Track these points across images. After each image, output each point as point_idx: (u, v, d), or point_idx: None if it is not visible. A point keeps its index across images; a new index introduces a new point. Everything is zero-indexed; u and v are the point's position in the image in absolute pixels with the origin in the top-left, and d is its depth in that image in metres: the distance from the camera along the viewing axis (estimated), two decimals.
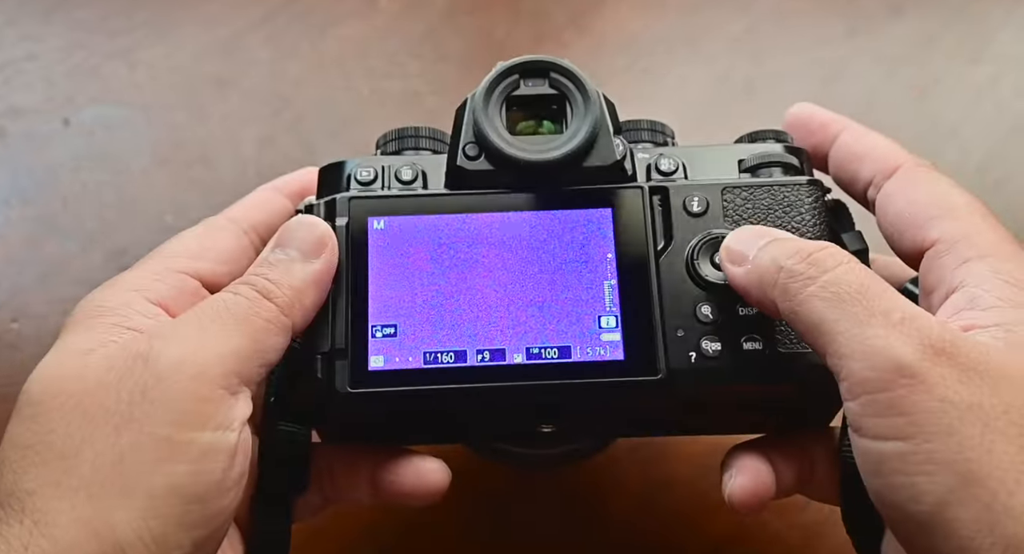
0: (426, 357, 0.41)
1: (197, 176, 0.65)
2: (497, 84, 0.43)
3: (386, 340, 0.41)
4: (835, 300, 0.35)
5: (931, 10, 0.75)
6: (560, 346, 0.41)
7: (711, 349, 0.41)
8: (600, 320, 0.41)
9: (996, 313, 0.36)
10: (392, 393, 0.40)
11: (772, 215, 0.43)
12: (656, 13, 0.75)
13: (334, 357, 0.41)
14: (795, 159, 0.45)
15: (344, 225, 0.42)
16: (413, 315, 0.41)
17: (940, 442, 0.33)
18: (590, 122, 0.42)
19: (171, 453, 0.35)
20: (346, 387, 0.40)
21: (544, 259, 0.42)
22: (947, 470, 0.32)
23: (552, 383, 0.41)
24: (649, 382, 0.40)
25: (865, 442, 0.34)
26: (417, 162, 0.45)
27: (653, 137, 0.47)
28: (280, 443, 0.44)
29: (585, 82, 0.43)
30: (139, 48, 0.71)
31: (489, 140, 0.42)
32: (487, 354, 0.41)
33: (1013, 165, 0.68)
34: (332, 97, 0.70)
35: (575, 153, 0.42)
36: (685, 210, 0.43)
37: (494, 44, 0.73)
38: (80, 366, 0.37)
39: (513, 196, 0.43)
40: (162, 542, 0.34)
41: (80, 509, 0.34)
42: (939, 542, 0.33)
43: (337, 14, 0.73)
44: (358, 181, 0.44)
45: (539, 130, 0.44)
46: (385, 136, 0.47)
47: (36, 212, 0.64)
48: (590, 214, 0.43)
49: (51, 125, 0.67)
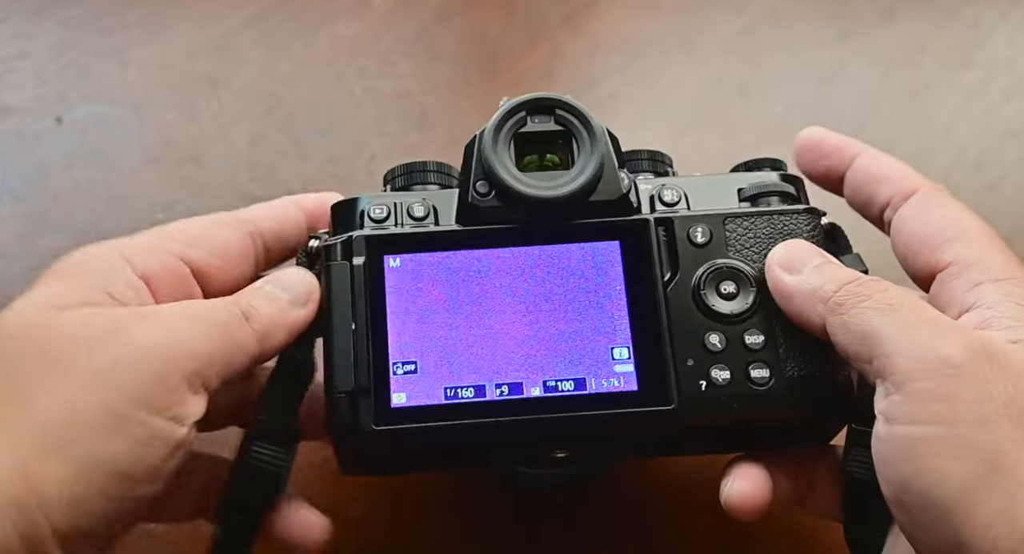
0: (447, 393, 0.42)
1: (188, 174, 0.65)
2: (505, 122, 0.44)
3: (407, 377, 0.42)
4: (888, 310, 0.38)
5: (922, 14, 0.75)
6: (575, 378, 0.42)
7: (720, 377, 0.42)
8: (613, 352, 0.42)
9: (1011, 332, 0.38)
10: (415, 430, 0.41)
11: (773, 243, 0.44)
12: (650, 14, 0.75)
13: (358, 396, 0.41)
14: (791, 187, 0.47)
15: (361, 264, 0.43)
16: (432, 351, 0.42)
17: (974, 430, 0.34)
18: (596, 158, 0.44)
19: (120, 429, 0.37)
20: (371, 425, 0.41)
21: (556, 292, 0.43)
22: (977, 457, 0.34)
23: (569, 415, 0.42)
24: (662, 412, 0.42)
25: (899, 428, 0.36)
26: (427, 198, 0.45)
27: (654, 166, 0.48)
28: (257, 462, 0.43)
29: (590, 118, 0.44)
30: (131, 47, 0.71)
31: (499, 177, 0.43)
32: (505, 388, 0.42)
33: (1005, 167, 0.68)
34: (324, 96, 0.70)
35: (583, 189, 0.43)
36: (689, 241, 0.44)
37: (487, 44, 0.73)
38: (50, 317, 0.38)
39: (524, 231, 0.44)
40: (78, 506, 0.36)
41: (19, 449, 0.35)
42: (956, 528, 0.34)
43: (329, 13, 0.73)
44: (372, 219, 0.45)
45: (544, 163, 0.45)
46: (393, 171, 0.48)
47: (28, 209, 0.63)
48: (599, 247, 0.44)
49: (43, 123, 0.67)
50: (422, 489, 0.55)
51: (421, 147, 0.67)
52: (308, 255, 0.46)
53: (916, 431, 0.35)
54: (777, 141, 0.68)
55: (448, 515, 0.55)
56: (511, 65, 0.72)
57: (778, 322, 0.43)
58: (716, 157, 0.67)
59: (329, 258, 0.44)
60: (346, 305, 0.43)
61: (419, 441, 0.42)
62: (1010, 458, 0.34)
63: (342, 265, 0.43)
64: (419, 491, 0.55)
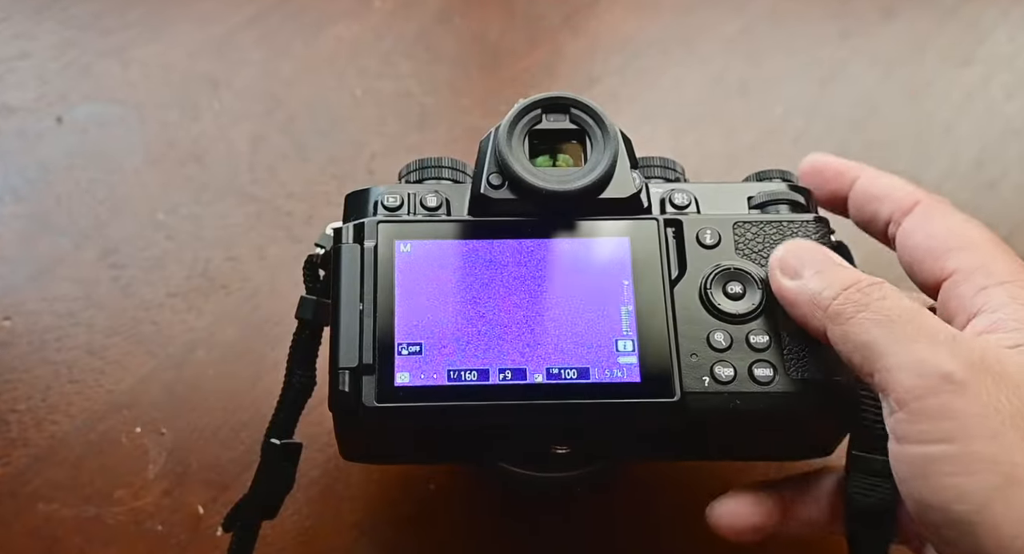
0: (450, 375, 0.42)
1: (190, 174, 0.65)
2: (520, 118, 0.45)
3: (412, 357, 0.42)
4: (886, 322, 0.38)
5: (923, 12, 0.75)
6: (579, 367, 0.42)
7: (724, 374, 0.42)
8: (617, 343, 0.43)
9: (1019, 335, 0.38)
10: (416, 408, 0.41)
11: None
12: (650, 14, 0.75)
13: (361, 372, 0.42)
14: (801, 197, 0.47)
15: (372, 247, 0.43)
16: (438, 334, 0.42)
17: (985, 444, 0.34)
18: (609, 156, 0.44)
19: None
20: (373, 401, 0.41)
21: (564, 284, 0.44)
22: (992, 470, 0.34)
23: (571, 402, 0.42)
24: (664, 404, 0.42)
25: (910, 449, 0.36)
26: (440, 190, 0.46)
27: (665, 173, 0.49)
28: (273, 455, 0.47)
29: (604, 118, 0.45)
30: (132, 46, 0.71)
31: (512, 170, 0.44)
32: (509, 373, 0.42)
33: (1006, 165, 0.68)
34: (325, 97, 0.70)
35: (594, 185, 0.44)
36: (698, 242, 0.45)
37: (488, 45, 0.73)
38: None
39: (535, 224, 0.45)
40: None
41: None
42: (981, 542, 0.34)
43: (330, 14, 0.73)
44: (385, 207, 0.45)
45: (557, 161, 0.45)
46: (408, 166, 0.49)
47: (29, 209, 0.63)
48: (608, 243, 0.44)
49: (44, 123, 0.67)
50: (423, 486, 0.55)
51: (422, 147, 0.67)
52: (311, 265, 0.47)
53: (928, 450, 0.36)
54: (777, 141, 0.69)
55: (449, 520, 0.55)
56: (511, 65, 0.72)
57: (784, 324, 0.43)
58: (716, 157, 0.67)
59: (340, 241, 0.44)
60: (355, 286, 0.43)
61: (420, 420, 0.42)
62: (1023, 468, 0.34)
63: (353, 247, 0.44)
64: (419, 487, 0.55)
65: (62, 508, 0.54)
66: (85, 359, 0.58)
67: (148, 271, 0.61)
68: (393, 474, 0.56)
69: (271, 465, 0.48)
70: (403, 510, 0.55)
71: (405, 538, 0.54)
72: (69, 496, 0.54)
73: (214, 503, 0.54)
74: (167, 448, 0.56)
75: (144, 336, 0.59)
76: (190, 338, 0.59)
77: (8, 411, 0.56)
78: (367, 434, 0.44)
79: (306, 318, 0.48)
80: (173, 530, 0.53)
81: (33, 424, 0.56)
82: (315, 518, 0.54)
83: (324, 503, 0.55)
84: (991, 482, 0.34)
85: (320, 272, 0.48)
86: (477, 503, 0.55)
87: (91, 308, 0.60)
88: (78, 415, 0.56)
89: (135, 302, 0.60)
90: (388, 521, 0.55)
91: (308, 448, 0.50)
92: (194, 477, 0.55)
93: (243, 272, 0.62)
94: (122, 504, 0.54)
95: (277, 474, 0.48)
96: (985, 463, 0.34)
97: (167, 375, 0.58)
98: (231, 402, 0.57)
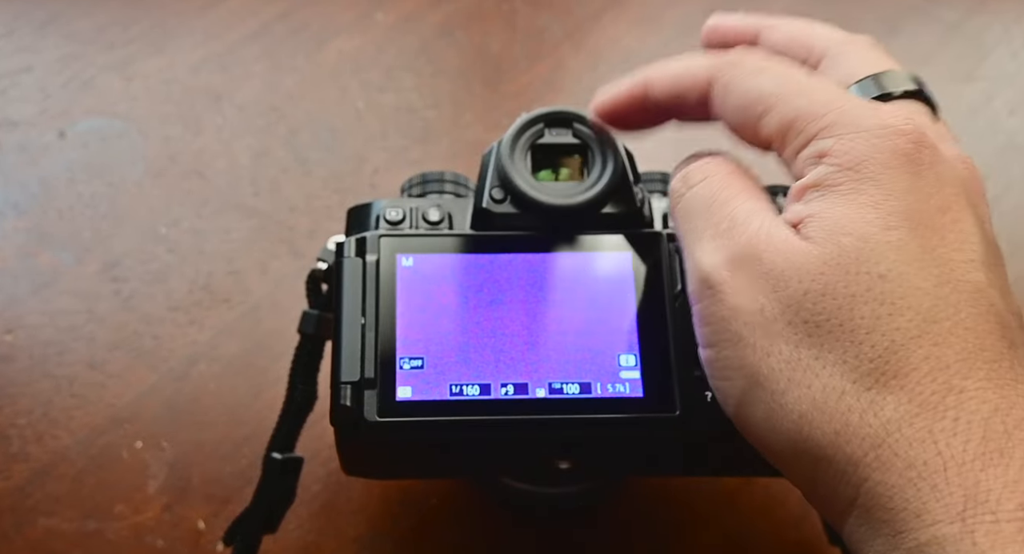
0: (451, 389, 0.42)
1: (191, 188, 0.65)
2: (523, 132, 0.45)
3: (413, 372, 0.42)
4: (685, 216, 0.37)
5: (926, 28, 0.75)
6: (581, 382, 0.42)
7: None
8: (620, 358, 0.43)
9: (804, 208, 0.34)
10: (418, 423, 0.41)
11: None
12: (652, 29, 0.75)
13: (363, 387, 0.42)
14: None
15: (374, 261, 0.43)
16: (440, 349, 0.42)
17: (732, 349, 0.35)
18: (611, 171, 0.44)
19: None
20: (374, 415, 0.41)
21: (566, 299, 0.43)
22: (738, 374, 0.34)
23: (573, 417, 0.42)
24: (666, 419, 0.42)
25: (700, 352, 0.37)
26: (442, 204, 0.46)
27: (665, 188, 0.49)
28: (274, 469, 0.47)
29: (607, 132, 0.44)
30: (134, 60, 0.71)
31: (515, 184, 0.44)
32: (511, 388, 0.42)
33: (1009, 182, 0.68)
34: (327, 111, 0.70)
35: (597, 199, 0.44)
36: None
37: (490, 59, 0.73)
38: None
39: (537, 238, 0.44)
40: None
41: None
42: (750, 439, 0.36)
43: (332, 27, 0.74)
44: (387, 221, 0.45)
45: (559, 175, 0.45)
46: (410, 180, 0.49)
47: (30, 223, 0.63)
48: (611, 257, 0.44)
49: (46, 137, 0.67)
50: (424, 500, 0.55)
51: (424, 161, 0.67)
52: (314, 279, 0.47)
53: (704, 354, 0.36)
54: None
55: (451, 535, 0.55)
56: (514, 79, 0.72)
57: None
58: None
59: (342, 255, 0.44)
60: (357, 300, 0.43)
61: (421, 434, 0.42)
62: (761, 368, 0.34)
63: (355, 261, 0.44)
64: (420, 502, 0.55)
65: (63, 523, 0.54)
66: (86, 373, 0.58)
67: (150, 285, 0.61)
68: (394, 489, 0.55)
69: (272, 479, 0.48)
70: (404, 525, 0.55)
71: (406, 553, 0.54)
72: (70, 510, 0.54)
73: (215, 518, 0.54)
74: (168, 462, 0.56)
75: (145, 350, 0.59)
76: (191, 352, 0.59)
77: (9, 425, 0.56)
78: (368, 448, 0.43)
79: (308, 332, 0.48)
80: (174, 545, 0.53)
81: (34, 438, 0.56)
82: (316, 532, 0.54)
83: (325, 517, 0.54)
84: (740, 386, 0.34)
85: (323, 286, 0.48)
86: (479, 518, 0.55)
87: (92, 322, 0.60)
88: (79, 429, 0.56)
89: (136, 316, 0.60)
90: (389, 536, 0.55)
91: (310, 462, 0.50)
92: (195, 491, 0.55)
93: (245, 286, 0.62)
94: (123, 519, 0.54)
95: (278, 488, 0.48)
96: (734, 369, 0.34)
97: (168, 389, 0.58)
98: (232, 416, 0.57)
